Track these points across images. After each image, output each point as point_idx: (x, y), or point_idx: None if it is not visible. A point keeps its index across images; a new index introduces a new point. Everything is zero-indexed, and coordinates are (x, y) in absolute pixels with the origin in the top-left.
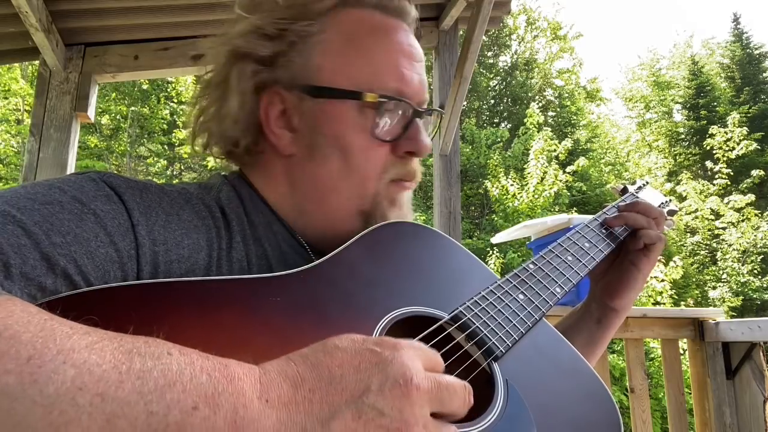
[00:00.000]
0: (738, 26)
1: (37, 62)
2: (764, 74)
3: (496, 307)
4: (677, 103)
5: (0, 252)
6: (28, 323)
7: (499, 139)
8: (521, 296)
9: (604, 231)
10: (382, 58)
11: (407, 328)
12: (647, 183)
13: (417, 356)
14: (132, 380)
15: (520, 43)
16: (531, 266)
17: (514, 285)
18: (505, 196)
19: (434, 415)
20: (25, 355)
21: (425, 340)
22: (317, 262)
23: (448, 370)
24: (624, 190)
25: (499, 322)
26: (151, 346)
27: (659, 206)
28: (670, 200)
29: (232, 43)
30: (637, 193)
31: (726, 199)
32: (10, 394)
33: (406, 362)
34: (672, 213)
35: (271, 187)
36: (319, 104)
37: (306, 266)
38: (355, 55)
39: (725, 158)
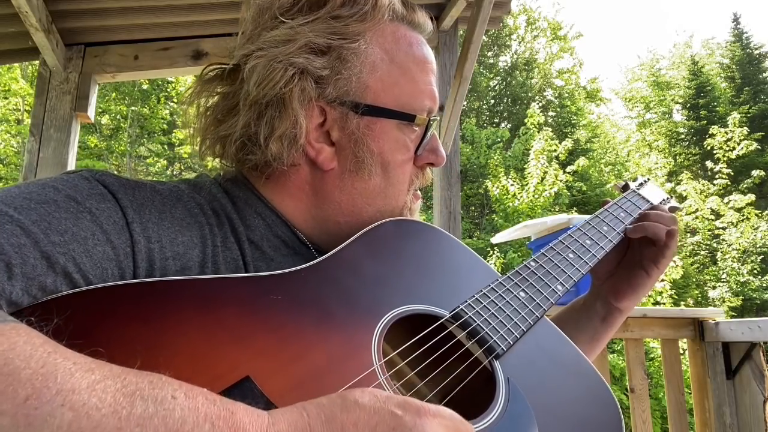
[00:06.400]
0: (738, 26)
1: (37, 62)
2: (764, 74)
3: (497, 304)
4: (677, 103)
5: (1, 252)
6: (29, 358)
7: (499, 139)
8: (522, 294)
9: (605, 228)
10: (419, 78)
11: (408, 326)
12: (648, 179)
13: (442, 427)
14: (131, 427)
15: (520, 43)
16: (532, 264)
17: (516, 282)
18: (505, 196)
19: None
20: (22, 394)
21: (426, 338)
22: (318, 260)
23: (449, 369)
24: (625, 187)
25: (500, 320)
26: (156, 387)
27: (660, 203)
28: (671, 197)
29: (291, 61)
30: (638, 189)
31: (726, 199)
32: None
33: None
34: (673, 210)
35: (288, 197)
36: (364, 121)
37: (307, 264)
38: (398, 75)
39: (725, 158)
